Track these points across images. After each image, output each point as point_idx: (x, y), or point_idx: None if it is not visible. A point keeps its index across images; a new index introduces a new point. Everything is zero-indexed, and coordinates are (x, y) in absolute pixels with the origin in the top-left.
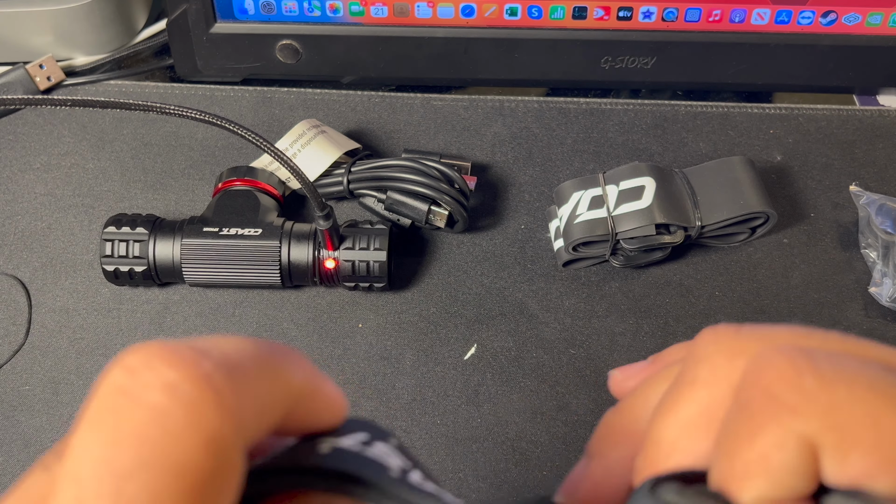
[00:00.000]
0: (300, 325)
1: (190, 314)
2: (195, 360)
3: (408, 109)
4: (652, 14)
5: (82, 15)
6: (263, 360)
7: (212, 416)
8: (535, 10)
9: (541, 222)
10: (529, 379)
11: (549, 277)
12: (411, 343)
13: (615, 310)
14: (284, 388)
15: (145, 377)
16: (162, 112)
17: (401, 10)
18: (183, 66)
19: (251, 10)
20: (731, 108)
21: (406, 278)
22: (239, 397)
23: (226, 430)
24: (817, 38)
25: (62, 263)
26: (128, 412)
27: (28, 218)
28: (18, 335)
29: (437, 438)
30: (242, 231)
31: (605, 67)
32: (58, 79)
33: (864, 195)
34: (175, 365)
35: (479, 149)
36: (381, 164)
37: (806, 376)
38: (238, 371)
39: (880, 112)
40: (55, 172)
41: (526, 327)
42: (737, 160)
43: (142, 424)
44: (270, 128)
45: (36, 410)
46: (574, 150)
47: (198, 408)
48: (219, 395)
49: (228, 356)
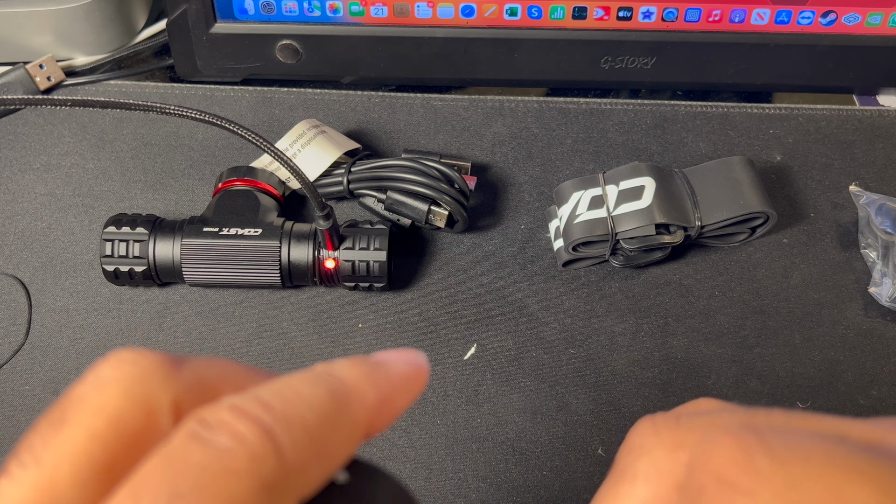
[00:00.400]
0: (300, 325)
1: (190, 314)
2: (258, 414)
3: (408, 109)
4: (652, 14)
5: (82, 15)
6: (324, 408)
7: (270, 466)
8: (535, 10)
9: (541, 222)
10: (529, 379)
11: (549, 277)
12: (411, 343)
13: (615, 310)
14: (348, 429)
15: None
16: (162, 112)
17: (401, 10)
18: (183, 66)
19: (251, 10)
20: (731, 108)
21: (406, 278)
22: (298, 450)
23: (282, 478)
24: (817, 38)
25: (62, 263)
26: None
27: (28, 218)
28: (18, 335)
29: (437, 438)
30: (242, 231)
31: (605, 67)
32: (58, 79)
33: (864, 195)
34: (243, 421)
35: (479, 149)
36: (381, 164)
37: (757, 456)
38: (298, 423)
39: (880, 112)
40: (55, 172)
41: (526, 327)
42: (737, 160)
43: (205, 459)
44: (270, 128)
45: (36, 410)
46: (574, 150)
47: (259, 457)
48: (277, 447)
49: (291, 408)
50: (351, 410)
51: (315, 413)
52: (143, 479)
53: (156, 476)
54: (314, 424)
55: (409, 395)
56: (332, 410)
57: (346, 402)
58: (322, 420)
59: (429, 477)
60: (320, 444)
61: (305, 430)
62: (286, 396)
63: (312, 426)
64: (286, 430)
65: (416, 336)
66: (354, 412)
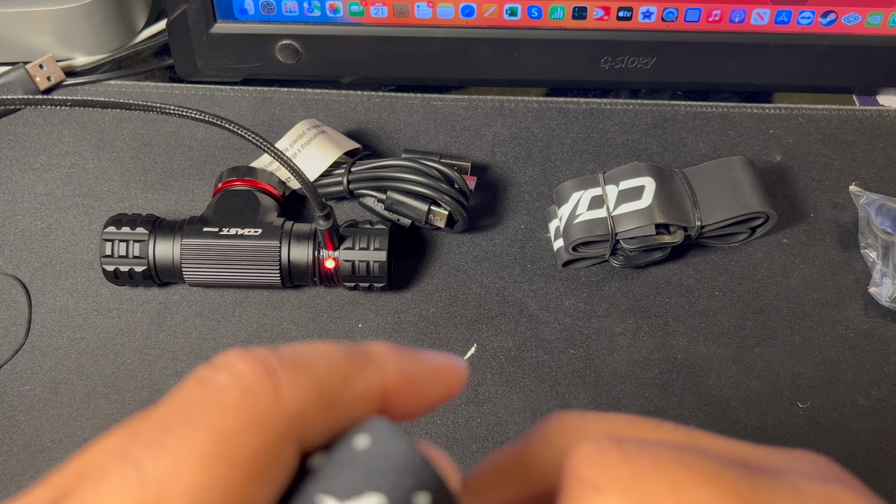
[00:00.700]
0: (300, 325)
1: (190, 314)
2: (265, 356)
3: (408, 109)
4: (652, 14)
5: (82, 15)
6: (337, 361)
7: (263, 400)
8: (535, 10)
9: (541, 222)
10: (529, 379)
11: (549, 277)
12: (411, 343)
13: (615, 310)
14: (361, 387)
15: (220, 366)
16: (162, 112)
17: (401, 10)
18: (183, 66)
19: (251, 10)
20: (731, 108)
21: (406, 278)
22: (300, 392)
23: (277, 416)
24: (817, 38)
25: (62, 263)
26: (196, 388)
27: (28, 218)
28: (18, 335)
29: (437, 438)
30: (242, 231)
31: (605, 67)
32: (58, 79)
33: (864, 195)
34: (246, 360)
35: (479, 149)
36: (381, 164)
37: (609, 455)
38: (305, 369)
39: (880, 112)
40: (55, 172)
41: (526, 327)
42: (737, 160)
43: (200, 395)
44: (270, 128)
45: (36, 410)
46: (574, 150)
47: (251, 389)
48: (276, 384)
49: (300, 356)
50: (366, 373)
51: (326, 364)
52: (142, 419)
53: (153, 415)
54: (323, 374)
55: (440, 386)
56: (345, 366)
57: (363, 364)
58: (333, 372)
59: None
60: (328, 394)
61: (313, 378)
62: (302, 347)
63: (321, 375)
64: (290, 373)
65: (416, 336)
66: (370, 375)
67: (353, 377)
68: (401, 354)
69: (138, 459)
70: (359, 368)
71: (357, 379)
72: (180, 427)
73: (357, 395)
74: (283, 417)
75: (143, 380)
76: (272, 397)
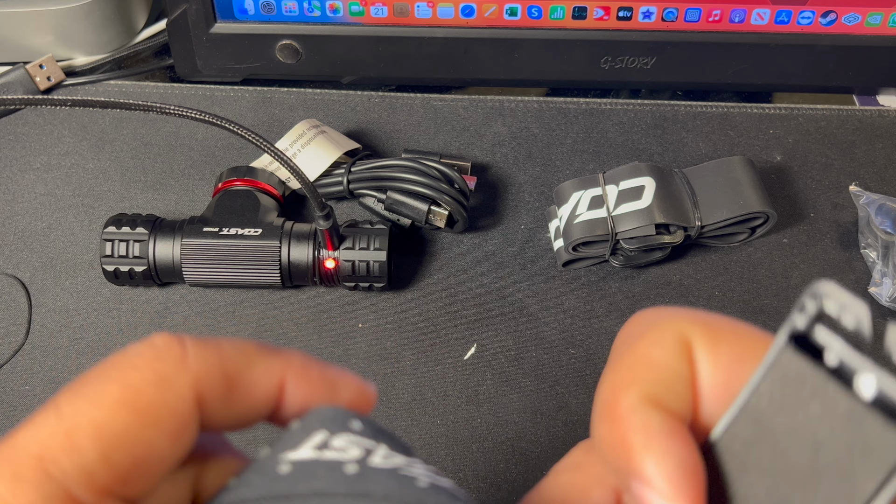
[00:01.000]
0: (300, 325)
1: (190, 314)
2: (181, 335)
3: (408, 109)
4: (652, 14)
5: (82, 15)
6: (245, 347)
7: (169, 363)
8: (535, 10)
9: (541, 222)
10: (529, 379)
11: (549, 277)
12: (411, 343)
13: (615, 310)
14: (262, 369)
15: (143, 341)
16: (162, 112)
17: (401, 10)
18: (183, 66)
19: (251, 10)
20: (731, 108)
21: (406, 278)
22: (203, 361)
23: (179, 376)
24: (817, 38)
25: (62, 263)
26: (118, 354)
27: (28, 218)
28: (18, 335)
29: (437, 438)
30: (242, 231)
31: (605, 67)
32: (58, 79)
33: (864, 195)
34: (164, 336)
35: (479, 149)
36: (381, 164)
37: (669, 309)
38: (213, 345)
39: (880, 112)
40: (55, 172)
41: (526, 327)
42: (737, 160)
43: (119, 358)
44: (270, 128)
45: (36, 410)
46: (574, 150)
47: (161, 355)
48: (183, 353)
49: (213, 339)
50: (270, 359)
51: (233, 346)
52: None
53: (85, 374)
54: (228, 351)
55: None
56: (251, 350)
57: (268, 352)
58: (237, 352)
59: None
60: (229, 368)
61: (217, 353)
62: (219, 338)
63: (226, 352)
64: (197, 345)
65: (416, 336)
66: (272, 361)
67: (256, 359)
68: (310, 358)
69: (59, 402)
70: (263, 354)
71: (259, 361)
72: (97, 379)
73: (257, 376)
74: (184, 378)
75: None
76: (177, 362)
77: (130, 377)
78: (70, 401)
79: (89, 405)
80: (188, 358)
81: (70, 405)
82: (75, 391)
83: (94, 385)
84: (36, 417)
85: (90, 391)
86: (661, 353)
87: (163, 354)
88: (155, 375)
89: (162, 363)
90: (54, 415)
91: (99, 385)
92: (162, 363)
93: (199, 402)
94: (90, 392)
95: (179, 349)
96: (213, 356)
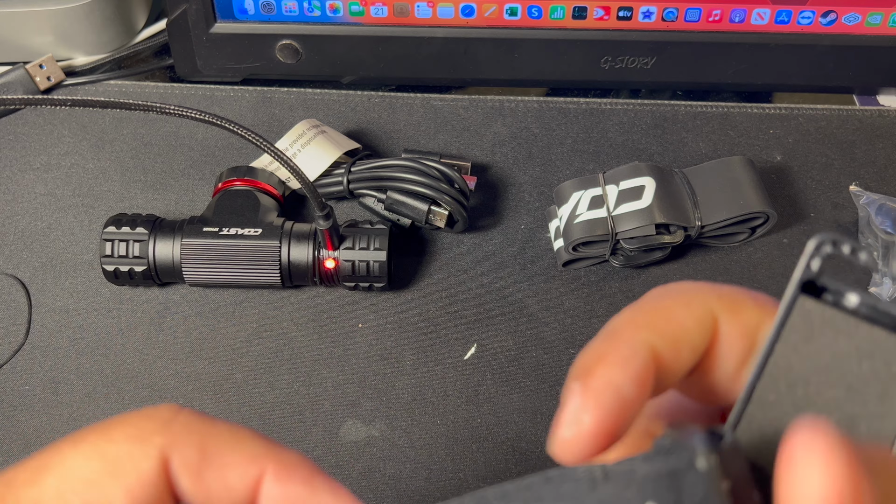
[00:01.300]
0: (300, 325)
1: (190, 314)
2: (185, 408)
3: (408, 109)
4: (652, 14)
5: (82, 15)
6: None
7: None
8: (535, 10)
9: (541, 222)
10: (529, 379)
11: (549, 277)
12: (411, 343)
13: (615, 310)
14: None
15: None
16: (162, 112)
17: (401, 10)
18: (183, 66)
19: (251, 10)
20: (731, 108)
21: (406, 278)
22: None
23: (153, 437)
24: (817, 38)
25: (62, 263)
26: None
27: (28, 218)
28: (18, 335)
29: (437, 438)
30: (242, 231)
31: (605, 67)
32: (58, 79)
33: (864, 195)
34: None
35: (479, 149)
36: (381, 164)
37: (702, 283)
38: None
39: (880, 112)
40: (55, 172)
41: (526, 327)
42: (737, 160)
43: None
44: (270, 128)
45: (36, 410)
46: (574, 150)
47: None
48: (171, 417)
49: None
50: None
51: (226, 427)
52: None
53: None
54: (218, 429)
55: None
56: (241, 435)
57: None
58: (225, 432)
59: (429, 477)
60: (211, 443)
61: (204, 425)
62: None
63: (214, 428)
64: (190, 414)
65: (416, 336)
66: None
67: (242, 444)
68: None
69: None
70: (250, 441)
71: (243, 446)
72: (100, 425)
73: (235, 459)
74: (158, 440)
75: (143, 380)
76: (159, 423)
77: (113, 431)
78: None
79: (72, 449)
80: (173, 422)
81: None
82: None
83: (85, 432)
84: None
85: (76, 438)
86: (684, 315)
87: (153, 415)
88: (134, 430)
89: (145, 421)
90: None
91: (92, 430)
92: (145, 421)
93: (165, 466)
94: (74, 439)
95: (169, 414)
96: (198, 427)
